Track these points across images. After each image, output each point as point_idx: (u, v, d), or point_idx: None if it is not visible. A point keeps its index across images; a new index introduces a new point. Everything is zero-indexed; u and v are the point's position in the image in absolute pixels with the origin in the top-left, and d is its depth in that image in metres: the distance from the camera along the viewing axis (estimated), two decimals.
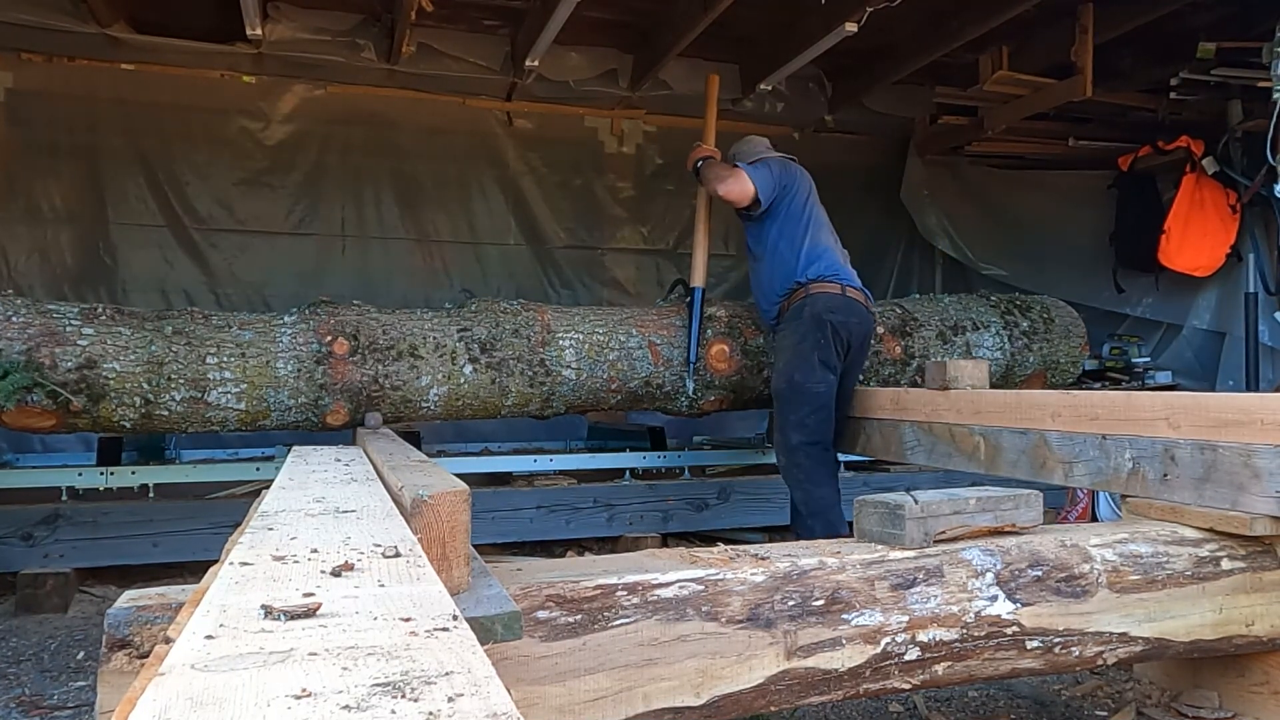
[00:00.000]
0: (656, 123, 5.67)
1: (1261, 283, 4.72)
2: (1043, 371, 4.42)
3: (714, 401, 3.81)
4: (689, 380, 3.66)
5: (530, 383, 3.50)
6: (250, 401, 3.17)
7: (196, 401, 3.10)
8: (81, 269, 4.77)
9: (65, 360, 2.94)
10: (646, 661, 1.42)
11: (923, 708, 2.19)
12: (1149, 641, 1.80)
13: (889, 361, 4.06)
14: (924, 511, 1.71)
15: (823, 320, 3.30)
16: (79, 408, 2.95)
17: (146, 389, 3.03)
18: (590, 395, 3.63)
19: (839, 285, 3.38)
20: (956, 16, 4.29)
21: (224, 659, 0.64)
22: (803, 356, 3.30)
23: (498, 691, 0.58)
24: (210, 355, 3.14)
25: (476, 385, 3.44)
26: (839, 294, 3.36)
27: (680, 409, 3.82)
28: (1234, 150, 4.84)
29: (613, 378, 3.62)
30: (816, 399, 3.28)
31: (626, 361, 3.65)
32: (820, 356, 3.29)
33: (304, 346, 3.26)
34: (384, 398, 3.32)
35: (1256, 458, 1.86)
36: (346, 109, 5.13)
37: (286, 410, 3.24)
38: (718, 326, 3.78)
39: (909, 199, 5.79)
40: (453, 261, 5.39)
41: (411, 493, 1.22)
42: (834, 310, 3.33)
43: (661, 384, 3.69)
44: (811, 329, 3.30)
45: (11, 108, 4.62)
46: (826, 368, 3.30)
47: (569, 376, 3.54)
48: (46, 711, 2.23)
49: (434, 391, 3.41)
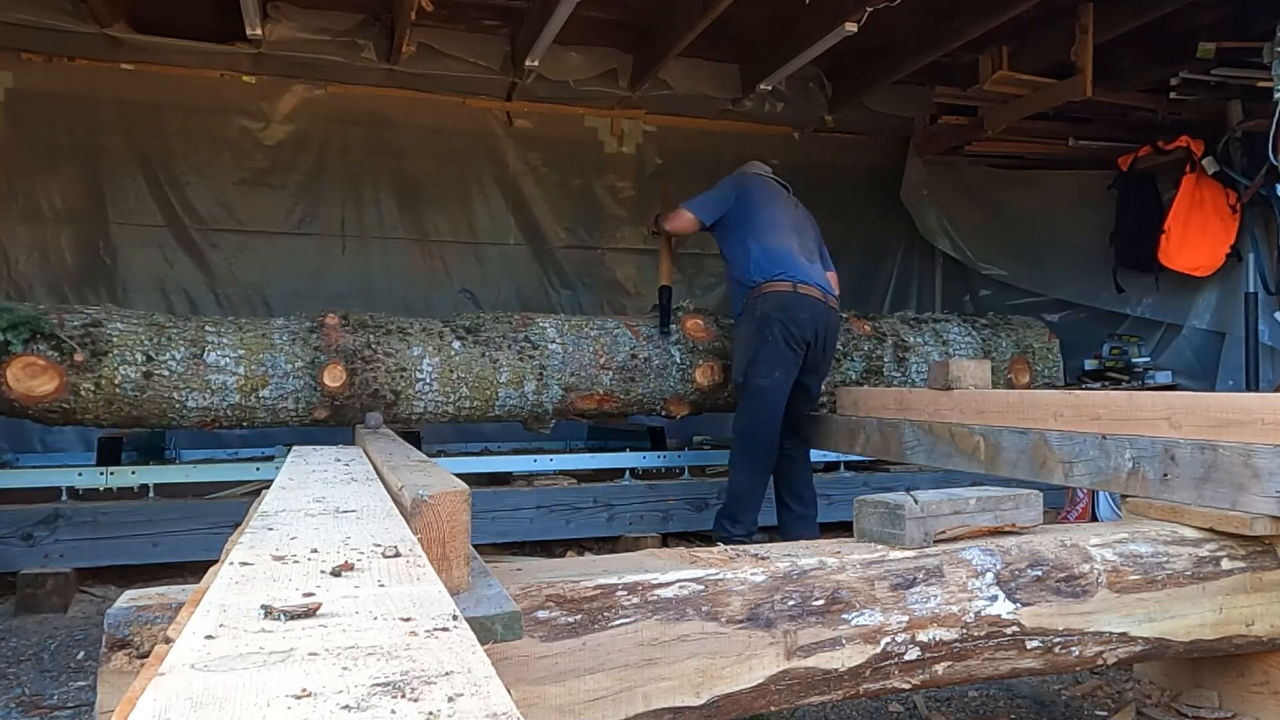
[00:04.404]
0: (656, 122, 5.67)
1: (1261, 283, 4.71)
2: (1021, 355, 4.51)
3: (705, 370, 3.91)
4: (671, 347, 3.89)
5: (520, 356, 3.65)
6: (249, 365, 3.30)
7: (196, 361, 3.24)
8: (81, 269, 4.78)
9: (72, 320, 3.15)
10: (646, 661, 1.42)
11: (923, 708, 2.19)
12: (1149, 641, 1.80)
13: (862, 337, 4.21)
14: (924, 511, 1.71)
15: (770, 319, 3.47)
16: (82, 359, 3.07)
17: (148, 345, 3.19)
18: (582, 373, 3.73)
19: (790, 283, 3.52)
20: (956, 16, 4.29)
21: (224, 659, 0.64)
22: (750, 353, 3.52)
23: (498, 691, 0.58)
24: (209, 326, 3.40)
25: (468, 358, 3.58)
26: (790, 292, 3.51)
27: (674, 386, 3.87)
28: (1234, 150, 4.83)
29: (599, 351, 3.77)
30: (759, 394, 3.49)
31: (608, 338, 3.85)
32: (766, 354, 3.47)
33: (297, 323, 3.51)
34: (379, 364, 3.43)
35: (1257, 457, 1.86)
36: (346, 109, 5.14)
37: (285, 376, 3.35)
38: (688, 308, 4.10)
39: (909, 199, 5.80)
40: (453, 261, 5.39)
41: (411, 493, 1.22)
42: (784, 308, 3.49)
43: (648, 357, 3.84)
44: (759, 328, 3.49)
45: (11, 108, 4.62)
46: (773, 365, 3.47)
47: (555, 350, 3.70)
48: (46, 711, 2.23)
49: (427, 362, 3.54)
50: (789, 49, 4.53)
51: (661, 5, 4.43)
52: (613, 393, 3.81)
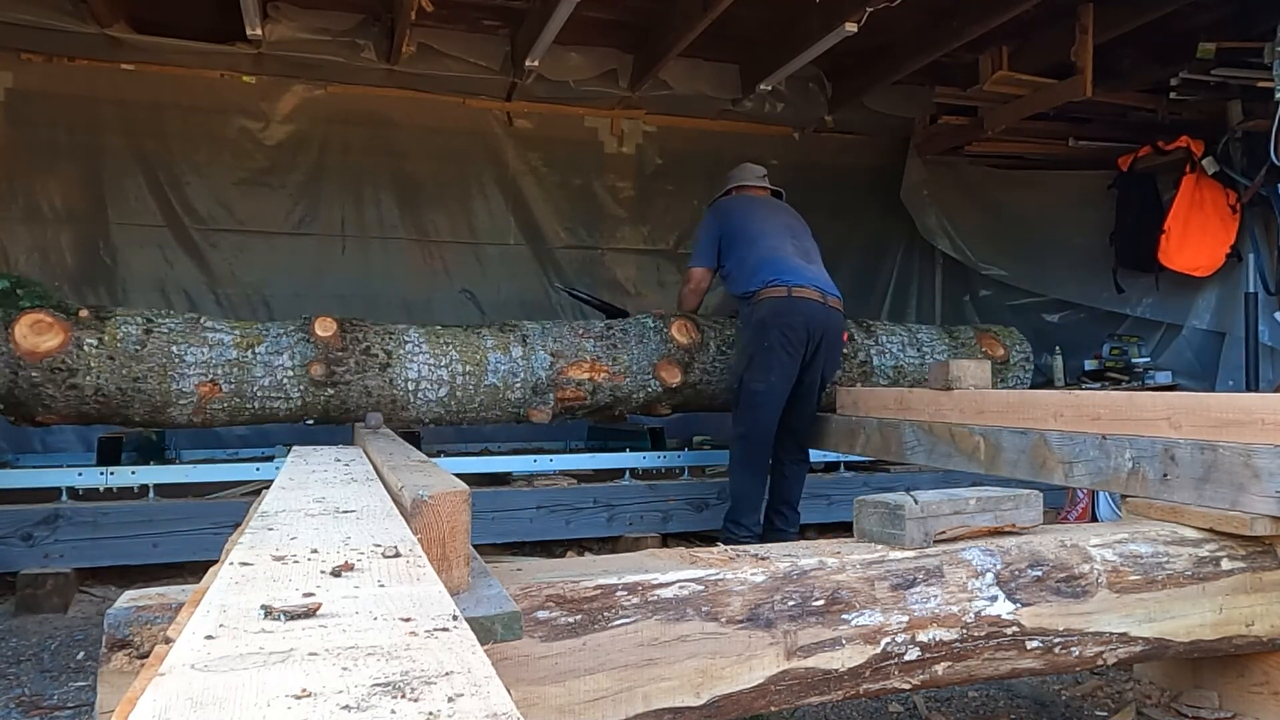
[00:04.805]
0: (656, 123, 5.67)
1: (1261, 283, 4.71)
2: (988, 332, 4.63)
3: (680, 327, 3.99)
4: (640, 316, 4.06)
5: (500, 329, 3.82)
6: (244, 329, 3.49)
7: (193, 323, 3.42)
8: (81, 269, 4.78)
9: None
10: (646, 661, 1.42)
11: (923, 708, 2.19)
12: (1149, 641, 1.80)
13: None
14: (924, 511, 1.71)
15: (766, 325, 3.53)
16: (88, 315, 3.24)
17: (149, 314, 3.42)
18: (564, 341, 3.83)
19: (785, 288, 3.56)
20: (956, 16, 4.29)
21: (224, 659, 0.64)
22: (746, 359, 3.61)
23: (498, 691, 0.58)
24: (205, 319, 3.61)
25: (451, 331, 3.76)
26: (784, 297, 3.55)
27: (657, 348, 3.92)
28: (1234, 150, 4.83)
29: (575, 327, 3.96)
30: (754, 397, 3.54)
31: (581, 320, 4.22)
32: (762, 360, 3.53)
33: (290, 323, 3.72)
34: (367, 328, 3.62)
35: (1257, 458, 1.86)
36: (346, 109, 5.14)
37: (279, 336, 3.48)
38: None
39: (909, 199, 5.80)
40: (453, 262, 5.39)
41: (411, 493, 1.22)
42: (779, 313, 3.53)
43: (624, 329, 3.96)
44: (755, 334, 3.56)
45: (11, 108, 4.62)
46: (769, 370, 3.51)
47: (533, 327, 3.86)
48: (46, 711, 2.23)
49: (413, 330, 3.69)
50: (789, 49, 4.53)
51: (661, 5, 4.43)
52: (599, 359, 3.85)
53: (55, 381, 3.17)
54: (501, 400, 3.74)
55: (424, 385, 3.59)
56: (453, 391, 3.64)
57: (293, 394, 3.46)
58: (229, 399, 3.40)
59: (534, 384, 3.74)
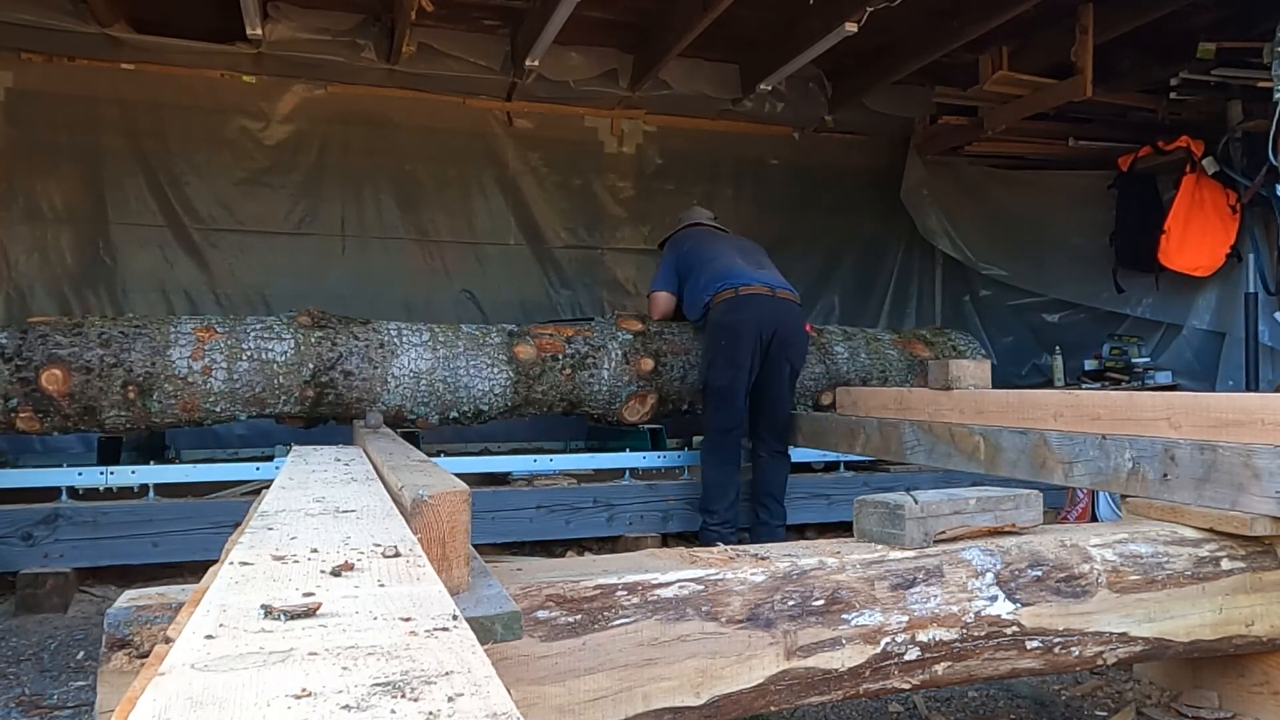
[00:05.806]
0: (656, 122, 5.67)
1: (1261, 283, 4.71)
2: (917, 339, 4.81)
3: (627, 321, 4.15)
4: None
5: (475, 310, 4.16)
6: None
7: None
8: (81, 269, 4.78)
9: None
10: (646, 661, 1.42)
11: (923, 708, 2.19)
12: (1149, 641, 1.80)
13: None
14: (924, 511, 1.71)
15: (719, 325, 3.78)
16: None
17: None
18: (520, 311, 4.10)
19: (733, 290, 3.80)
20: (956, 16, 4.29)
21: (224, 659, 0.64)
22: (708, 359, 3.87)
23: (498, 691, 0.58)
24: None
25: None
26: (732, 297, 3.78)
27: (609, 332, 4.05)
28: (1234, 150, 4.83)
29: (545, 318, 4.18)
30: (720, 393, 3.77)
31: None
32: (721, 357, 3.76)
33: None
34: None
35: (1257, 458, 1.86)
36: (346, 109, 5.13)
37: None
38: None
39: (909, 199, 5.79)
40: (453, 261, 5.39)
41: (411, 493, 1.22)
42: (729, 311, 3.77)
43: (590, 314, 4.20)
44: (712, 335, 3.82)
45: (11, 108, 4.62)
46: (729, 365, 3.74)
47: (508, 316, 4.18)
48: (46, 711, 2.23)
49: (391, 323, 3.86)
50: (789, 49, 4.53)
51: (661, 5, 4.43)
52: (560, 319, 4.10)
53: None
54: (484, 345, 3.86)
55: (405, 333, 3.76)
56: (434, 338, 3.78)
57: (279, 327, 3.61)
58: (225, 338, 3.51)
59: (509, 332, 3.95)
